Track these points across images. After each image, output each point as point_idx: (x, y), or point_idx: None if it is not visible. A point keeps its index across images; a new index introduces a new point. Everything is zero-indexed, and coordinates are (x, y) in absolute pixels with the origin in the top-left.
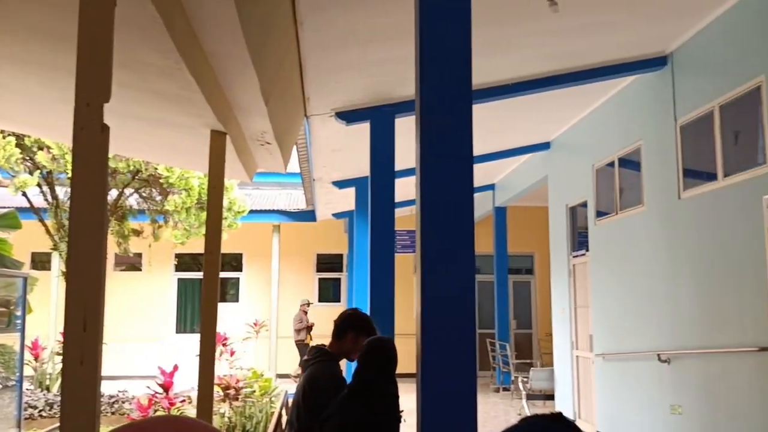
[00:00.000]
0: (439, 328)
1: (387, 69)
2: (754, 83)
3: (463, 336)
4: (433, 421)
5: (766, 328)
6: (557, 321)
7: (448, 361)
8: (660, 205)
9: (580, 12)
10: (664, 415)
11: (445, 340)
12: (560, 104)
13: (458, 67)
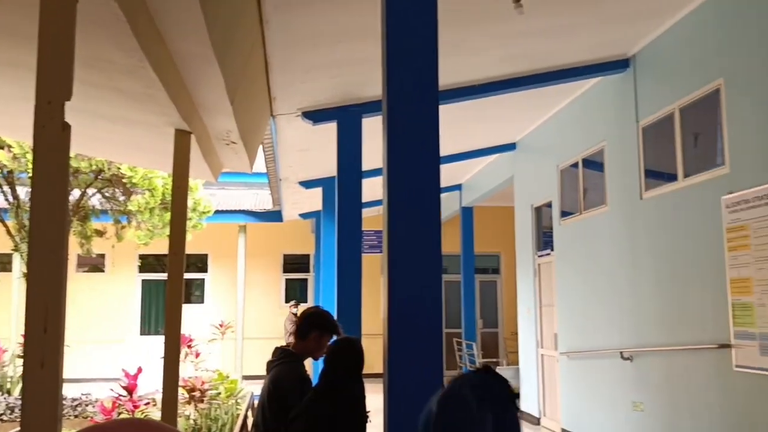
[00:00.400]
0: (406, 327)
1: (354, 69)
2: (713, 86)
3: (429, 335)
4: (400, 421)
5: (725, 325)
6: (523, 320)
7: (414, 361)
8: (623, 205)
9: (545, 14)
10: (627, 412)
11: (411, 340)
12: (526, 105)
13: (425, 67)
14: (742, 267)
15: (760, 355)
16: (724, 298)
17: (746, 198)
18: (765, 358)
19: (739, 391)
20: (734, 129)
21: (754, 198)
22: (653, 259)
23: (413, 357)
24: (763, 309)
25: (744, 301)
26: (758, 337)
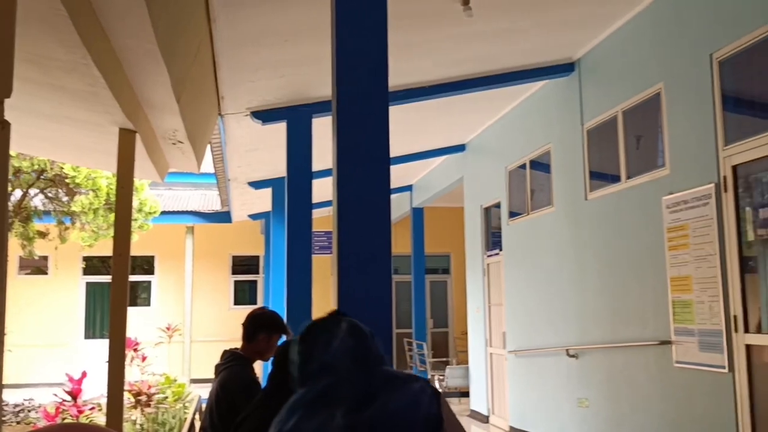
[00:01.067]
0: None
1: (303, 68)
2: (654, 90)
3: (380, 337)
4: None
5: (665, 322)
6: (472, 319)
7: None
8: (568, 206)
9: (493, 17)
10: (572, 408)
11: None
12: (475, 107)
13: (375, 68)
14: (681, 265)
15: (699, 351)
16: (664, 296)
17: (685, 199)
18: (703, 353)
19: (679, 385)
20: (674, 132)
21: (693, 199)
22: (598, 259)
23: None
24: (701, 306)
25: (684, 299)
26: (697, 334)
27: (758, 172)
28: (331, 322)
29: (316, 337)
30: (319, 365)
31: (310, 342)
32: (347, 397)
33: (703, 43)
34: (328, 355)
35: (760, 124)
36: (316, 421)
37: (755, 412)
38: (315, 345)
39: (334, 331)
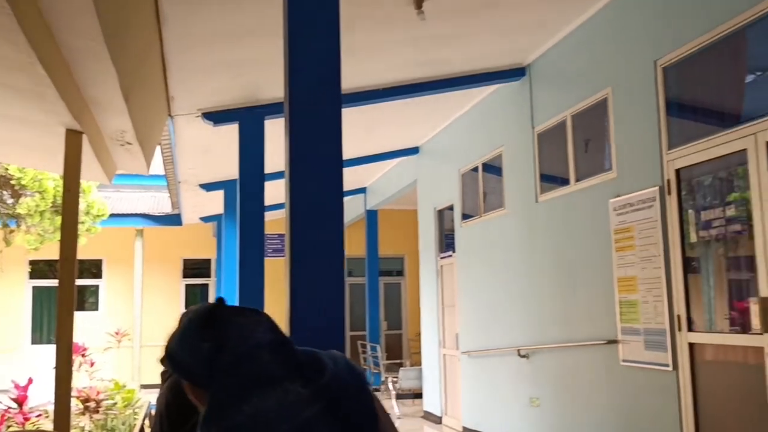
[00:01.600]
0: (309, 331)
1: (256, 69)
2: (601, 95)
3: (332, 339)
4: None
5: (613, 322)
6: (426, 321)
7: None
8: (519, 208)
9: (445, 21)
10: (524, 407)
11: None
12: (428, 110)
13: (327, 70)
14: (628, 266)
15: (645, 350)
16: (612, 296)
17: (631, 201)
18: (649, 352)
19: (626, 383)
20: (620, 136)
21: (638, 201)
22: (548, 260)
23: None
24: (646, 306)
25: (630, 299)
26: (642, 333)
27: (700, 176)
28: (231, 312)
29: (224, 327)
30: (237, 354)
31: (218, 333)
32: (293, 372)
33: (648, 50)
34: (245, 344)
35: (702, 129)
36: (274, 399)
37: (698, 408)
38: (226, 335)
39: (239, 320)
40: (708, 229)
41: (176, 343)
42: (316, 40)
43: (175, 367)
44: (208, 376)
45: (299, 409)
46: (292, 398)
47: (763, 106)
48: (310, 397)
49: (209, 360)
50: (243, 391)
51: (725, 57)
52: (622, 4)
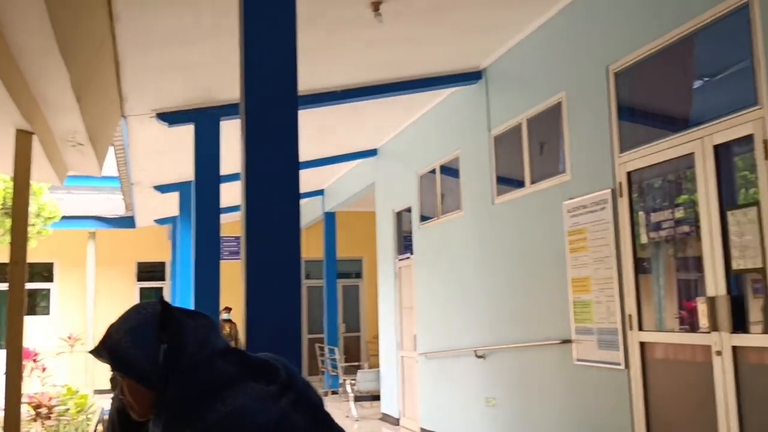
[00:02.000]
0: (265, 334)
1: (212, 70)
2: (555, 99)
3: (289, 342)
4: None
5: (567, 322)
6: (384, 323)
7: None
8: (476, 210)
9: (403, 25)
10: (481, 408)
11: (270, 348)
12: (386, 113)
13: (283, 71)
14: (581, 267)
15: (598, 349)
16: (566, 297)
17: (584, 203)
18: (601, 351)
19: (580, 382)
20: (574, 139)
21: (591, 203)
22: (505, 261)
23: None
24: (599, 306)
25: (583, 299)
26: (595, 332)
27: (650, 179)
28: (183, 314)
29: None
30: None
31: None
32: (253, 373)
33: (601, 55)
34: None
35: (652, 133)
36: (247, 396)
37: (649, 405)
38: (183, 339)
39: (192, 323)
40: (658, 230)
41: (129, 342)
42: (272, 42)
43: (125, 366)
44: (162, 378)
45: (272, 403)
46: (263, 394)
47: (710, 111)
48: (278, 392)
49: (165, 362)
50: (213, 392)
51: (674, 63)
52: (576, 10)
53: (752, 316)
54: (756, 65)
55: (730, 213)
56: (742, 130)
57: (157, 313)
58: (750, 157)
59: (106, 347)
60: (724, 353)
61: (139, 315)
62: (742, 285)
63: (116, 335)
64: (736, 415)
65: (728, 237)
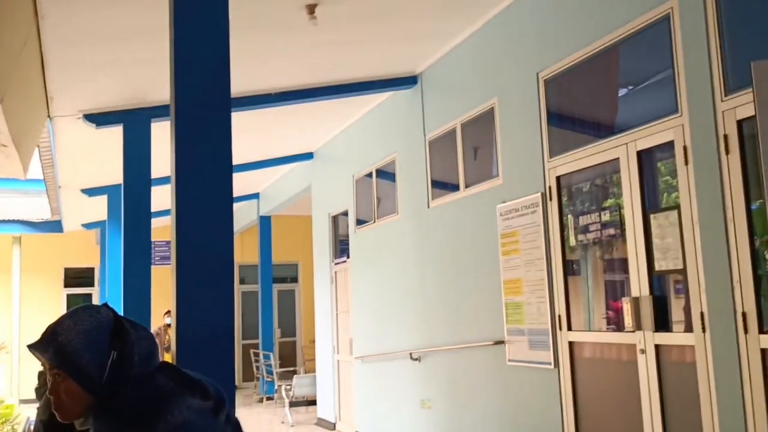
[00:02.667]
0: (197, 342)
1: (142, 70)
2: (488, 104)
3: (221, 349)
4: None
5: (500, 323)
6: (320, 327)
7: (205, 375)
8: (412, 214)
9: (338, 28)
10: (416, 410)
11: (202, 355)
12: (322, 116)
13: (216, 72)
14: (513, 269)
15: (529, 349)
16: (499, 298)
17: (516, 207)
18: (533, 351)
19: (512, 382)
20: (506, 144)
21: (523, 207)
22: (440, 264)
23: (203, 372)
24: (530, 307)
25: (515, 301)
26: (527, 333)
27: (578, 183)
28: (131, 325)
29: (128, 340)
30: (143, 372)
31: (124, 345)
32: (191, 389)
33: (531, 63)
34: (148, 363)
35: (579, 139)
36: (192, 411)
37: (578, 402)
38: (131, 350)
39: (137, 335)
40: (586, 233)
41: (81, 344)
42: (203, 42)
43: (72, 367)
44: (106, 385)
45: (213, 418)
46: (203, 409)
47: (634, 118)
48: (214, 408)
49: (111, 370)
50: (161, 404)
51: (600, 71)
52: (508, 18)
53: (674, 316)
54: (677, 75)
55: (653, 216)
56: (663, 136)
57: (110, 320)
58: (671, 163)
59: (54, 344)
60: (648, 351)
61: (93, 318)
62: (665, 285)
63: (68, 335)
64: (659, 410)
65: (651, 239)
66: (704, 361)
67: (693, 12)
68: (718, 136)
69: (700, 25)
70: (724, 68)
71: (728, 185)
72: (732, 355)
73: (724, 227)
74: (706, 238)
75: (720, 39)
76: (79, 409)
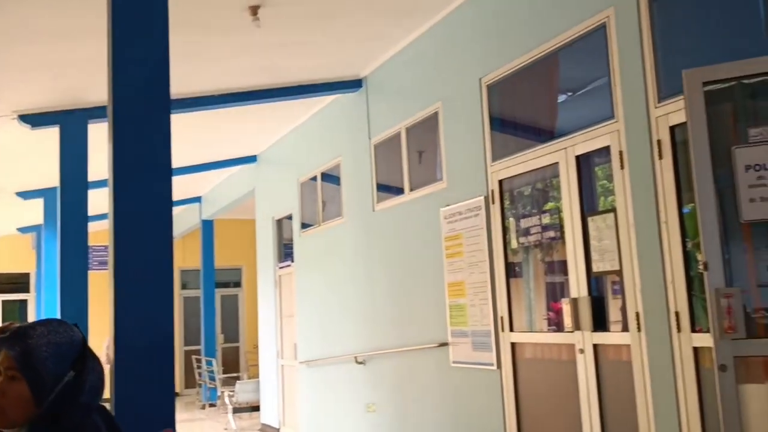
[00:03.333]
0: (135, 348)
1: (79, 70)
2: (432, 108)
3: (161, 356)
4: None
5: (443, 325)
6: (264, 332)
7: (144, 384)
8: (357, 217)
9: (282, 30)
10: (361, 414)
11: (141, 362)
12: (266, 118)
13: (155, 73)
14: (457, 272)
15: (472, 351)
16: (443, 301)
17: (460, 210)
18: (476, 353)
19: (456, 383)
20: (450, 148)
21: (466, 210)
22: (385, 267)
23: (142, 379)
24: (473, 309)
25: (459, 303)
26: (470, 335)
27: (520, 187)
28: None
29: (86, 367)
30: (90, 404)
31: (83, 372)
32: None
33: (474, 68)
34: (96, 396)
35: (521, 143)
36: None
37: (519, 402)
38: (86, 377)
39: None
40: (527, 235)
41: (49, 353)
42: (142, 42)
43: (33, 372)
44: (53, 401)
45: None
46: None
47: (573, 124)
48: None
49: (63, 389)
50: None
51: (541, 78)
52: (452, 23)
53: (611, 316)
54: (612, 82)
55: (591, 219)
56: (600, 141)
57: (80, 341)
58: (608, 167)
59: (23, 344)
60: (586, 351)
61: (66, 334)
62: (602, 286)
63: (40, 340)
64: (598, 408)
65: (589, 241)
66: (640, 360)
67: (628, 21)
68: (652, 141)
69: (634, 34)
70: (657, 76)
71: (662, 189)
72: (666, 354)
73: (658, 230)
74: (641, 240)
75: (654, 48)
76: (19, 416)
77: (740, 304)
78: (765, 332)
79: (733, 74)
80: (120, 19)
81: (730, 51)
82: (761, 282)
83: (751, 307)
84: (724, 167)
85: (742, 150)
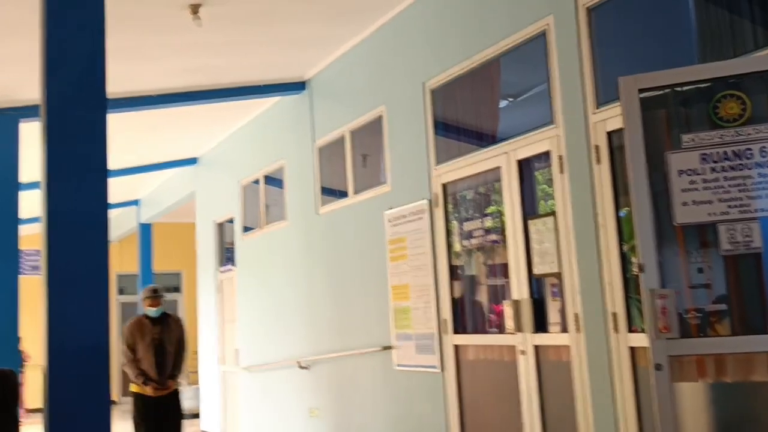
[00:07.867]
0: (69, 355)
1: (9, 68)
2: (377, 112)
3: (96, 363)
4: None
5: (387, 329)
6: (204, 338)
7: (78, 392)
8: (301, 220)
9: (223, 30)
10: (304, 419)
11: (75, 370)
12: (207, 120)
13: (90, 71)
14: (401, 275)
15: (416, 354)
16: (387, 304)
17: (404, 213)
18: (420, 356)
19: (400, 387)
20: (394, 151)
21: (410, 213)
22: (329, 271)
23: (76, 388)
24: (417, 312)
25: (403, 306)
26: (414, 338)
27: (462, 190)
28: None
29: None
30: None
31: None
32: None
33: (418, 72)
34: None
35: (464, 148)
36: None
37: (462, 404)
38: None
39: None
40: (470, 239)
41: None
42: (77, 39)
43: None
44: None
45: None
46: None
47: (514, 129)
48: None
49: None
50: None
51: (483, 83)
52: (396, 27)
53: (551, 317)
54: (552, 88)
55: (531, 222)
56: (540, 146)
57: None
58: (548, 172)
59: None
60: (528, 352)
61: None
62: (543, 288)
63: None
64: (539, 408)
65: (530, 244)
66: (578, 360)
67: (567, 29)
68: (590, 146)
69: (573, 41)
70: (595, 83)
71: (599, 193)
72: (603, 354)
73: (596, 233)
74: (579, 243)
75: (592, 55)
76: None
77: (674, 304)
78: (697, 332)
79: (667, 82)
80: (54, 15)
81: (664, 59)
82: (693, 283)
83: (683, 308)
84: (658, 172)
85: (675, 155)
